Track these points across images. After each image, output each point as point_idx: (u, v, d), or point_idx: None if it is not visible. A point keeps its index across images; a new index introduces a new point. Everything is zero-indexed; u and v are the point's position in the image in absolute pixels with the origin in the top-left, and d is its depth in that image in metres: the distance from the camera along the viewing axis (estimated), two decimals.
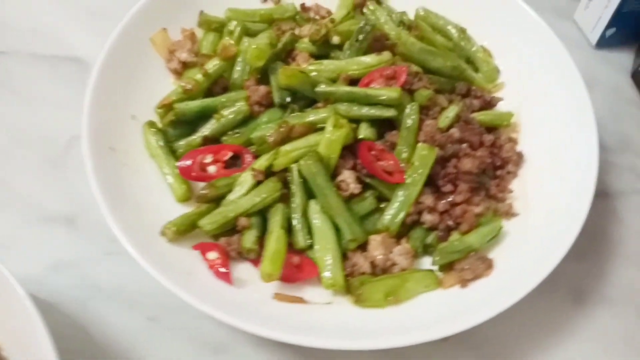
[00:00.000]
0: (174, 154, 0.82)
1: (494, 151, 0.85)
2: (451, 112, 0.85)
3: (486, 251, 0.76)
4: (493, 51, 0.95)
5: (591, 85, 1.02)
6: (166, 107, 0.84)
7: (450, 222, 0.78)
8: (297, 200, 0.77)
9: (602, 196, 0.91)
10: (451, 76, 0.90)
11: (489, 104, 0.90)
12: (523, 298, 0.68)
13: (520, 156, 0.85)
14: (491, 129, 0.88)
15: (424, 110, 0.85)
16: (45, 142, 0.90)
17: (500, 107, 0.91)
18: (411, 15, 0.97)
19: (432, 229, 0.79)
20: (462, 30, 0.95)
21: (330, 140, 0.77)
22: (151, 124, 0.83)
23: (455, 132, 0.83)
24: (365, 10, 0.96)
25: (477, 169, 0.80)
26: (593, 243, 0.86)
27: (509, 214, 0.80)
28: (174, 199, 0.79)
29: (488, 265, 0.74)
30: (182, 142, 0.83)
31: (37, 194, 0.85)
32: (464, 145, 0.83)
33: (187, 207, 0.79)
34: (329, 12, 0.98)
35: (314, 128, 0.80)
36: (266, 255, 0.72)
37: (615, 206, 0.90)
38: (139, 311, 0.77)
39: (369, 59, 0.85)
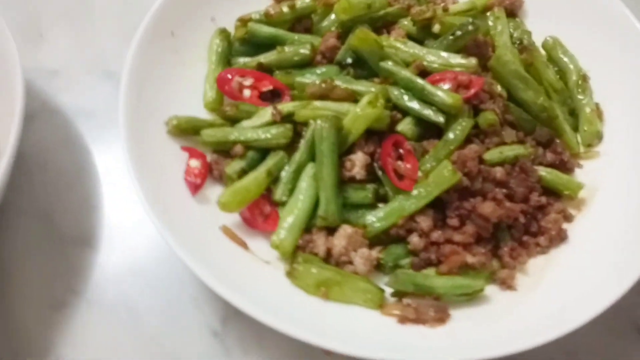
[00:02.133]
0: (227, 65, 0.83)
1: (535, 214, 0.72)
2: (510, 151, 0.73)
3: (451, 304, 0.65)
4: (608, 115, 0.79)
5: None
6: (243, 22, 0.85)
7: (432, 256, 0.68)
8: (298, 155, 0.73)
9: None
10: (537, 117, 0.77)
11: (563, 165, 0.75)
12: None
13: (561, 235, 0.71)
14: (551, 192, 0.74)
15: (481, 135, 0.74)
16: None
17: (576, 175, 0.76)
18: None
19: (413, 253, 0.70)
20: (583, 77, 0.80)
21: (357, 114, 0.71)
22: (223, 31, 0.85)
23: (499, 171, 0.71)
24: (489, 13, 0.85)
25: (496, 219, 0.68)
26: None
27: (505, 283, 0.67)
28: (202, 104, 0.81)
29: (440, 318, 0.64)
30: (239, 60, 0.84)
31: (106, 52, 0.94)
32: (501, 189, 0.71)
33: (209, 117, 0.80)
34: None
35: (355, 98, 0.75)
36: (232, 185, 0.70)
37: None
38: None
39: (451, 58, 0.76)
